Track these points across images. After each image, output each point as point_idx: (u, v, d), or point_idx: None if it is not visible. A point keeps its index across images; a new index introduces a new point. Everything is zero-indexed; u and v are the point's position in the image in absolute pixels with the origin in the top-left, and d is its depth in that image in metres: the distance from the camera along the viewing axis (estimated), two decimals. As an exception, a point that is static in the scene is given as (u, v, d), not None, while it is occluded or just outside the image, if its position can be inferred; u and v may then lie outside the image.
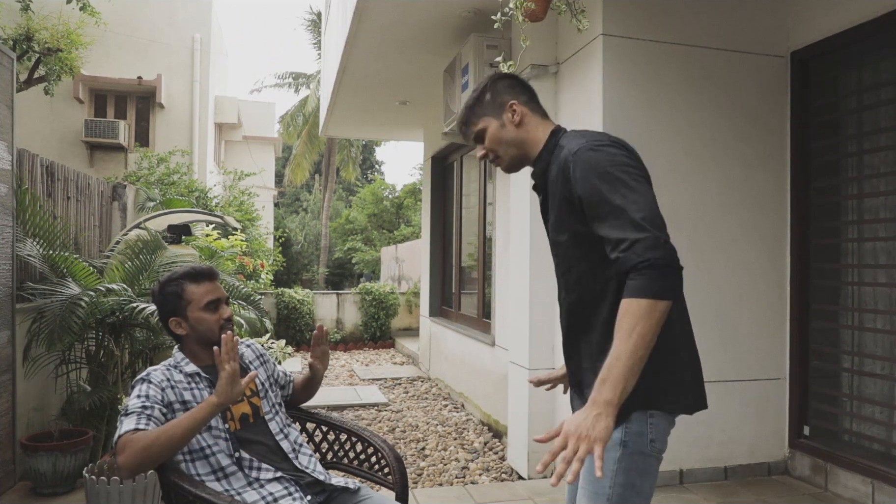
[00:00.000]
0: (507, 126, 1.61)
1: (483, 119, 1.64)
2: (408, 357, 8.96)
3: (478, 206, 5.98)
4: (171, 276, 1.95)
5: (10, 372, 3.36)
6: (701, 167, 3.62)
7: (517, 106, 1.61)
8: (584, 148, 1.46)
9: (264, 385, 2.01)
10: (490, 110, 1.63)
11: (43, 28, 7.86)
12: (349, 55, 5.40)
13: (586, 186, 1.42)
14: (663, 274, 1.32)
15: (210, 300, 1.90)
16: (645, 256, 1.31)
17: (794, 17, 3.74)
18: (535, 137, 1.62)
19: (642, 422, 1.45)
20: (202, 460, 1.77)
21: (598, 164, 1.43)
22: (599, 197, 1.40)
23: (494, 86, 1.64)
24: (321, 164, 24.34)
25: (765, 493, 3.45)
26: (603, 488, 1.45)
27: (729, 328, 3.65)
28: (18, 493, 3.31)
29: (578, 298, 1.53)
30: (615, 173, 1.41)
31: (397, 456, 2.08)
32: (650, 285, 1.30)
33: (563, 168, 1.48)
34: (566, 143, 1.54)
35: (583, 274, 1.51)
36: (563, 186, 1.48)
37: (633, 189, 1.39)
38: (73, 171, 4.53)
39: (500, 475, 3.92)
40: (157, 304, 1.95)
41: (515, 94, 1.63)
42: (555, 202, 1.53)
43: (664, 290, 1.31)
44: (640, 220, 1.35)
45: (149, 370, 1.83)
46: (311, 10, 27.20)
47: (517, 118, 1.61)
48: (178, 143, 10.97)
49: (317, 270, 22.06)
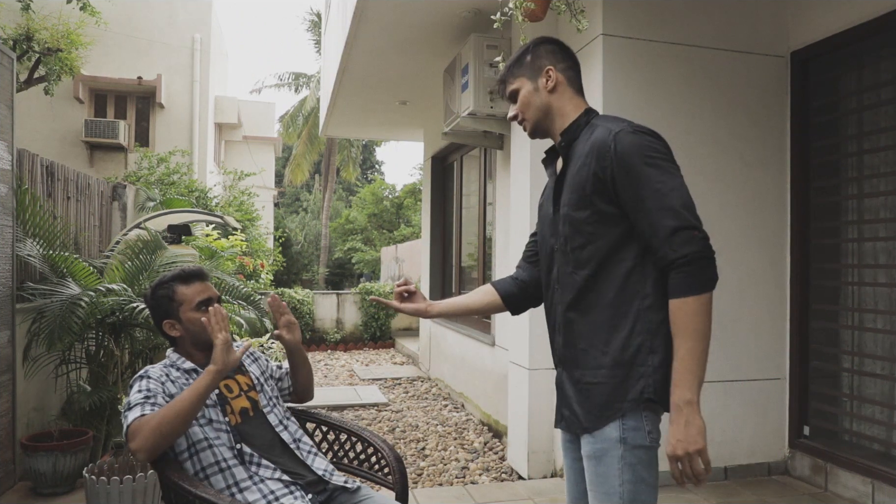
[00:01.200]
0: (541, 90, 1.62)
1: (519, 79, 1.65)
2: (408, 357, 8.96)
3: (478, 206, 5.98)
4: (161, 279, 1.96)
5: (10, 372, 3.36)
6: (701, 167, 3.62)
7: (553, 72, 1.61)
8: (625, 130, 1.48)
9: (259, 380, 2.03)
10: (527, 71, 1.63)
11: (43, 28, 7.86)
12: (349, 55, 5.40)
13: (626, 167, 1.44)
14: (701, 268, 1.39)
15: (202, 300, 1.91)
16: (682, 252, 1.38)
17: (794, 18, 3.74)
18: (564, 109, 1.62)
19: (637, 416, 1.46)
20: (206, 451, 1.78)
21: (641, 147, 1.45)
22: (638, 180, 1.43)
23: (537, 49, 1.65)
24: (321, 165, 24.35)
25: (765, 493, 3.45)
26: (613, 487, 1.46)
27: (729, 328, 3.65)
28: (18, 493, 3.31)
29: (591, 275, 1.52)
30: (655, 159, 1.45)
31: (397, 456, 2.08)
32: (692, 282, 1.38)
33: (599, 146, 1.48)
34: (602, 122, 1.54)
35: (597, 251, 1.50)
36: (598, 163, 1.47)
37: (672, 176, 1.44)
38: (73, 171, 4.53)
39: (500, 475, 3.92)
40: (149, 307, 1.97)
41: (555, 61, 1.63)
42: (579, 178, 1.52)
43: (704, 284, 1.39)
44: (678, 208, 1.40)
45: (146, 368, 1.85)
46: (311, 11, 27.20)
47: (551, 84, 1.61)
48: (178, 144, 10.97)
49: (317, 270, 22.06)
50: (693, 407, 1.38)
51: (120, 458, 3.02)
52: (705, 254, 1.39)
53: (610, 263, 1.49)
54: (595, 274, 1.51)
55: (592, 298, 1.52)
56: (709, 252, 1.40)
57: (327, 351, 9.90)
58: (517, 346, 3.97)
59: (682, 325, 1.39)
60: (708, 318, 1.39)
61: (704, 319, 1.38)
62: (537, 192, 3.72)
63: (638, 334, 1.46)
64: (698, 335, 1.38)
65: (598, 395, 1.49)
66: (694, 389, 1.38)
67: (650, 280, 1.46)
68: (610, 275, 1.49)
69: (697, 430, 1.37)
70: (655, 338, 1.46)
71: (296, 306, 9.78)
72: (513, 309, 1.86)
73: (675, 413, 1.39)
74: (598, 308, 1.51)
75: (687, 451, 1.37)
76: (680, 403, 1.38)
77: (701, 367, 1.39)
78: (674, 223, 1.39)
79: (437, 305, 1.86)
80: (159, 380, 1.80)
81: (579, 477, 1.65)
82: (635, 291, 1.47)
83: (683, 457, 1.37)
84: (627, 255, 1.48)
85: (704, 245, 1.39)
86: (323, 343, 10.10)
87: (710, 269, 1.40)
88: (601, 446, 1.48)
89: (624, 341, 1.47)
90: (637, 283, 1.47)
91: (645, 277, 1.47)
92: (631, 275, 1.48)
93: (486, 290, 1.85)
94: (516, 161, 4.03)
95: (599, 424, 1.48)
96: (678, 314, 1.39)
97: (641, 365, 1.46)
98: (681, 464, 1.38)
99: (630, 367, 1.46)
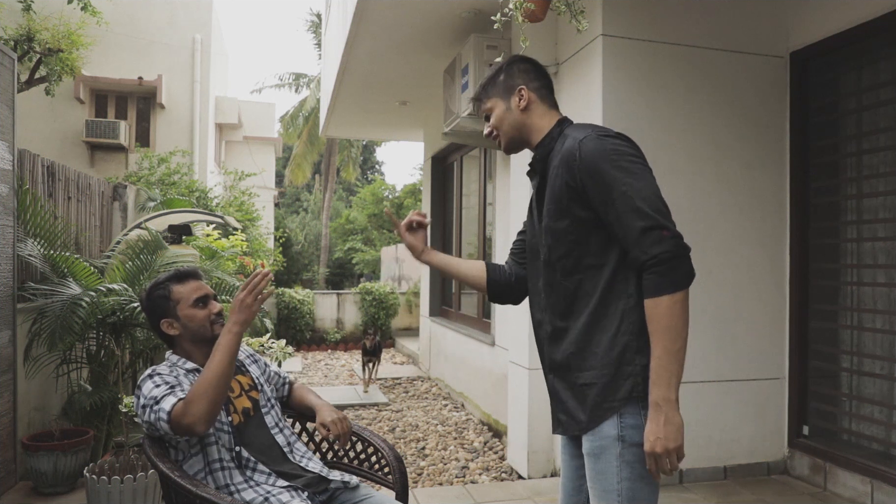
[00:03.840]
0: (513, 109, 1.65)
1: (492, 99, 1.69)
2: (408, 357, 8.96)
3: (478, 206, 5.99)
4: (155, 281, 1.98)
5: (12, 372, 3.37)
6: (700, 167, 3.63)
7: (525, 91, 1.64)
8: (590, 137, 1.50)
9: (259, 380, 2.04)
10: (501, 92, 1.67)
11: (44, 28, 7.86)
12: (349, 55, 5.41)
13: (592, 173, 1.46)
14: (672, 267, 1.39)
15: (198, 297, 1.93)
16: (652, 253, 1.39)
17: (793, 18, 3.75)
18: (538, 125, 1.65)
19: (636, 414, 1.47)
20: (207, 448, 1.78)
21: (604, 152, 1.47)
22: (604, 184, 1.45)
23: (510, 68, 1.68)
24: (321, 165, 24.33)
25: (764, 493, 3.45)
26: (611, 485, 1.48)
27: (728, 328, 3.66)
28: (19, 493, 3.32)
29: (578, 282, 1.54)
30: (620, 162, 1.46)
31: (397, 455, 2.08)
32: (663, 282, 1.39)
33: (567, 156, 1.51)
34: (571, 132, 1.57)
35: (581, 258, 1.53)
36: (567, 172, 1.50)
37: (638, 177, 1.45)
38: (73, 171, 4.54)
39: (500, 475, 3.93)
40: (146, 310, 1.98)
41: (528, 80, 1.66)
42: (554, 189, 1.55)
43: (676, 283, 1.40)
44: (645, 209, 1.41)
45: (153, 368, 1.85)
46: (312, 11, 27.20)
47: (523, 103, 1.64)
48: (178, 144, 10.97)
49: (317, 270, 22.05)
50: (672, 405, 1.39)
51: (120, 457, 3.02)
52: (676, 252, 1.39)
53: (594, 268, 1.52)
54: (581, 280, 1.53)
55: (581, 303, 1.54)
56: (680, 251, 1.40)
57: (327, 351, 9.91)
58: (517, 346, 3.97)
59: (657, 325, 1.40)
60: (684, 316, 1.40)
61: (679, 318, 1.39)
62: (537, 192, 3.72)
63: (623, 334, 1.48)
64: (673, 333, 1.39)
65: (590, 395, 1.51)
66: (672, 387, 1.39)
67: (633, 281, 1.48)
68: (595, 279, 1.52)
69: (676, 428, 1.39)
70: (641, 337, 1.47)
71: (296, 306, 9.79)
72: (492, 296, 1.88)
73: (653, 411, 1.40)
74: (585, 312, 1.53)
75: (666, 448, 1.39)
76: (658, 401, 1.39)
77: (678, 364, 1.40)
78: (641, 223, 1.40)
79: (430, 253, 1.87)
80: (171, 374, 1.82)
81: (574, 474, 1.68)
82: (619, 292, 1.49)
83: (662, 454, 1.39)
84: (610, 258, 1.50)
85: (675, 244, 1.40)
86: (323, 343, 10.11)
87: (682, 267, 1.41)
88: (600, 444, 1.49)
89: (610, 341, 1.49)
90: (621, 284, 1.49)
91: (628, 278, 1.49)
92: (615, 277, 1.50)
93: (480, 266, 1.87)
94: (516, 161, 4.03)
95: (593, 424, 1.50)
96: (653, 314, 1.41)
97: (629, 364, 1.47)
98: (657, 460, 1.40)
99: (618, 366, 1.48)
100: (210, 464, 1.78)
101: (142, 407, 1.74)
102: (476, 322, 5.84)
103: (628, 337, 1.48)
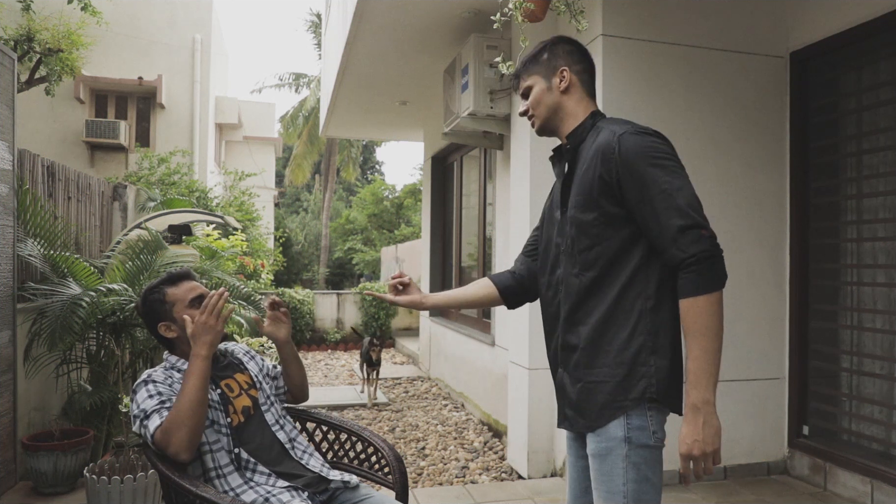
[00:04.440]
0: (553, 90, 1.63)
1: (533, 76, 1.66)
2: (408, 357, 8.96)
3: (478, 206, 5.99)
4: (149, 285, 1.98)
5: (12, 372, 3.37)
6: (700, 167, 3.62)
7: (568, 73, 1.62)
8: (629, 132, 1.49)
9: (257, 378, 2.04)
10: (542, 69, 1.64)
11: (44, 28, 7.87)
12: (349, 55, 5.40)
13: (630, 168, 1.45)
14: (710, 266, 1.39)
15: (194, 297, 1.93)
16: (690, 252, 1.39)
17: (793, 18, 3.75)
18: (573, 110, 1.63)
19: (642, 416, 1.47)
20: (204, 457, 1.77)
21: (644, 149, 1.46)
22: (642, 181, 1.44)
23: (554, 48, 1.66)
24: (321, 165, 24.35)
25: (764, 493, 3.45)
26: (616, 486, 1.47)
27: (728, 328, 3.60)
28: (19, 493, 3.32)
29: (596, 277, 1.52)
30: (659, 160, 1.45)
31: (397, 455, 2.08)
32: (702, 281, 1.39)
33: (604, 148, 1.49)
34: (607, 125, 1.55)
35: (603, 253, 1.51)
36: (603, 165, 1.48)
37: (677, 176, 1.45)
38: (73, 171, 4.54)
39: (500, 475, 3.93)
40: (143, 315, 1.97)
41: (571, 62, 1.64)
42: (585, 180, 1.53)
43: (714, 282, 1.40)
44: (685, 207, 1.40)
45: (148, 372, 1.84)
46: (312, 11, 27.20)
47: (564, 84, 1.62)
48: (178, 144, 10.99)
49: (317, 270, 22.07)
50: (710, 407, 1.38)
51: (120, 457, 3.02)
52: (713, 252, 1.40)
53: (615, 265, 1.50)
54: (600, 276, 1.51)
55: (597, 299, 1.52)
56: (717, 250, 1.40)
57: (328, 351, 9.91)
58: (517, 346, 3.97)
59: (694, 325, 1.39)
60: (719, 316, 1.39)
61: (716, 317, 1.39)
62: (537, 192, 3.72)
63: (640, 334, 1.47)
64: (711, 333, 1.38)
65: (600, 393, 1.50)
66: (710, 389, 1.38)
67: (654, 282, 1.47)
68: (615, 276, 1.50)
69: (715, 431, 1.38)
70: (657, 338, 1.46)
71: (296, 306, 9.78)
72: (510, 303, 1.87)
73: (691, 413, 1.38)
74: (601, 309, 1.51)
75: (704, 452, 1.37)
76: (697, 403, 1.38)
77: (715, 365, 1.39)
78: (681, 222, 1.39)
79: (432, 297, 1.87)
80: (165, 382, 1.80)
81: (581, 475, 1.66)
82: (639, 293, 1.48)
83: (699, 457, 1.38)
84: (633, 257, 1.49)
85: (712, 244, 1.40)
86: (323, 343, 10.11)
87: (718, 267, 1.41)
88: (606, 445, 1.49)
89: (625, 341, 1.47)
90: (641, 285, 1.48)
91: (649, 279, 1.48)
92: (635, 276, 1.48)
93: (484, 283, 1.86)
94: (516, 161, 4.03)
95: (602, 422, 1.49)
96: (689, 313, 1.40)
97: (643, 365, 1.46)
98: (694, 463, 1.39)
99: (631, 366, 1.46)
100: (206, 472, 1.77)
101: (134, 416, 1.74)
102: (476, 322, 5.84)
103: (645, 337, 1.46)
